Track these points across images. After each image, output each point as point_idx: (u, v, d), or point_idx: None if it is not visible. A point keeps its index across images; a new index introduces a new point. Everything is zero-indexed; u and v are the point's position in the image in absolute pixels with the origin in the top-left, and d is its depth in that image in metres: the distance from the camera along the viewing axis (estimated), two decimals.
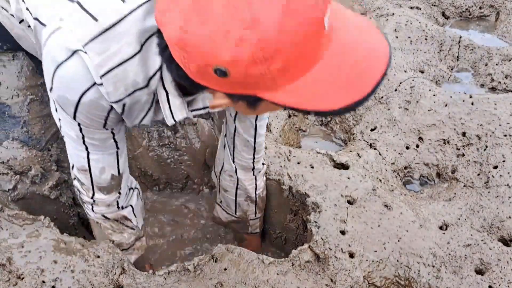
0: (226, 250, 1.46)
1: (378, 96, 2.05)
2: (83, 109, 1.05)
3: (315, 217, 1.53)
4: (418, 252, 1.46)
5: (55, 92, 1.05)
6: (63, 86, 1.02)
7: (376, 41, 0.88)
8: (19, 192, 1.59)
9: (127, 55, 0.98)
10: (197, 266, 1.41)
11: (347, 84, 0.84)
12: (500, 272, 1.41)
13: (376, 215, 1.55)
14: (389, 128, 1.92)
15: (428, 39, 2.38)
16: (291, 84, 0.84)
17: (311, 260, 1.45)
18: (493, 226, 1.54)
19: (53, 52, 0.99)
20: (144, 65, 1.00)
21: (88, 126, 1.12)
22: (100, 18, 0.96)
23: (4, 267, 1.32)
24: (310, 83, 0.85)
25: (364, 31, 0.90)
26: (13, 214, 1.47)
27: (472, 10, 2.85)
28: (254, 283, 1.37)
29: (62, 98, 1.05)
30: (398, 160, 1.81)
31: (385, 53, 0.86)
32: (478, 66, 2.36)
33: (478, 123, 1.82)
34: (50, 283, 1.30)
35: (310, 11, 0.78)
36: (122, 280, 1.35)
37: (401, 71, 2.14)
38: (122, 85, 1.01)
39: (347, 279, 1.40)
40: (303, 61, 0.82)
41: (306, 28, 0.78)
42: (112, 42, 0.96)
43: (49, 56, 1.00)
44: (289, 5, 0.76)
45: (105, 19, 0.96)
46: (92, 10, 0.97)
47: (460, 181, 1.71)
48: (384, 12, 2.60)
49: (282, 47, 0.77)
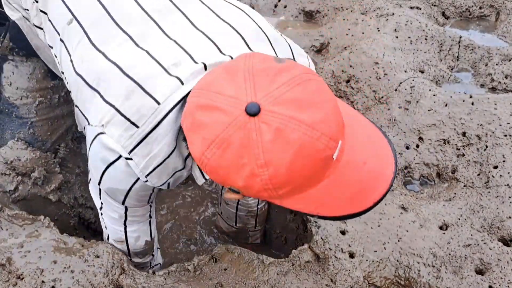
0: (226, 250, 1.46)
1: (378, 96, 2.05)
2: (133, 194, 1.15)
3: (315, 217, 1.53)
4: (418, 252, 1.46)
5: (104, 185, 1.14)
6: (114, 180, 1.11)
7: (383, 158, 0.95)
8: (20, 194, 1.59)
9: (167, 154, 1.05)
10: (197, 266, 1.40)
11: (350, 198, 0.92)
12: (500, 272, 1.41)
13: (376, 215, 1.55)
14: (389, 128, 1.92)
15: (428, 39, 2.37)
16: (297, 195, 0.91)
17: (311, 260, 1.45)
18: (493, 226, 1.54)
19: (103, 153, 1.06)
20: (180, 154, 1.08)
21: (135, 206, 1.23)
22: (140, 124, 1.01)
23: (3, 267, 1.32)
24: (315, 196, 0.91)
25: (372, 144, 0.97)
26: (13, 214, 1.47)
27: (472, 10, 2.85)
28: (254, 283, 1.37)
29: (112, 189, 1.15)
30: (398, 160, 1.81)
31: (389, 174, 0.93)
32: (478, 66, 2.35)
33: (478, 123, 1.82)
34: (50, 283, 1.30)
35: (320, 153, 0.85)
36: (122, 280, 1.35)
37: (401, 71, 2.14)
38: (165, 175, 1.09)
39: (347, 279, 1.40)
40: (310, 184, 0.90)
41: (315, 165, 0.86)
42: (153, 145, 1.03)
43: (99, 156, 1.08)
44: (302, 150, 0.84)
45: (145, 125, 1.01)
46: (132, 117, 1.01)
47: (460, 181, 1.71)
48: (384, 12, 2.60)
49: (291, 180, 0.86)
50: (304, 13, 3.01)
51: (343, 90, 2.12)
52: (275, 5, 3.07)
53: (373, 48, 2.23)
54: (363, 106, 2.05)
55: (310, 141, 0.84)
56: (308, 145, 0.84)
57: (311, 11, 2.99)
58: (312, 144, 0.84)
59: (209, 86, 0.89)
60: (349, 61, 2.19)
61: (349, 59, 2.20)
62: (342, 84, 2.14)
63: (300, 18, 3.02)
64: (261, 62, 0.90)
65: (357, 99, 2.08)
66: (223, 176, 0.89)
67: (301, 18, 3.02)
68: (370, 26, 2.55)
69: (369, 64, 2.15)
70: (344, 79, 2.15)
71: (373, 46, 2.25)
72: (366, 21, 2.61)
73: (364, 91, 2.08)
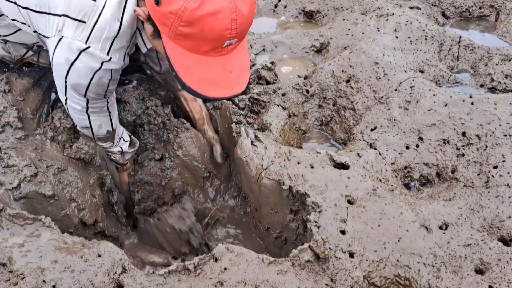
0: (227, 250, 1.46)
1: (378, 96, 2.05)
2: (92, 88, 1.50)
3: (315, 217, 1.53)
4: (418, 252, 1.46)
5: (69, 82, 1.48)
6: (77, 76, 1.46)
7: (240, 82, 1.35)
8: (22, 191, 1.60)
9: (115, 32, 1.41)
10: (198, 265, 1.41)
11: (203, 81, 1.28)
12: (500, 272, 1.42)
13: (376, 215, 1.55)
14: (389, 128, 1.92)
15: (428, 39, 2.38)
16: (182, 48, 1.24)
17: (311, 259, 1.45)
18: (493, 226, 1.54)
19: (65, 54, 1.42)
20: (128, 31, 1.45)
21: (93, 99, 1.57)
22: (86, 19, 1.39)
23: (4, 267, 1.33)
24: (188, 59, 1.24)
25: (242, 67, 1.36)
26: (14, 213, 1.47)
27: (472, 10, 2.85)
28: (254, 282, 1.37)
29: (76, 84, 1.49)
30: (398, 160, 1.81)
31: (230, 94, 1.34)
32: (478, 66, 2.36)
33: (478, 123, 1.82)
34: (51, 282, 1.30)
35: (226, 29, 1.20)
36: (123, 279, 1.35)
37: (401, 71, 2.14)
38: (122, 49, 1.46)
39: (347, 279, 1.40)
40: (198, 47, 1.22)
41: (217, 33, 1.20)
42: (102, 30, 1.39)
43: (63, 58, 1.43)
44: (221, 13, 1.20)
45: (90, 19, 1.39)
46: (78, 16, 1.38)
47: (460, 181, 1.71)
48: (384, 12, 2.60)
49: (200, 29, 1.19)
50: (304, 13, 3.01)
51: (343, 90, 2.12)
52: (275, 5, 3.07)
53: (373, 48, 2.23)
54: (363, 106, 2.05)
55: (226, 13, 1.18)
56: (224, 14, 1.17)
57: (311, 11, 2.99)
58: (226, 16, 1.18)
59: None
60: (349, 61, 2.19)
61: (349, 59, 2.20)
62: (342, 84, 2.14)
63: (300, 18, 3.02)
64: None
65: (357, 99, 2.08)
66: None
67: (301, 18, 3.02)
68: (370, 26, 2.55)
69: (369, 64, 2.15)
70: (344, 79, 2.15)
71: (373, 46, 2.25)
72: (366, 21, 2.61)
73: (364, 91, 2.08)
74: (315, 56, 2.64)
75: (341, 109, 2.11)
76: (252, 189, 1.79)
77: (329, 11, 2.94)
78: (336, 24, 2.71)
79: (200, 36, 1.20)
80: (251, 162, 1.77)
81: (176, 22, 1.20)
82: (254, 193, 1.79)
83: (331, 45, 2.62)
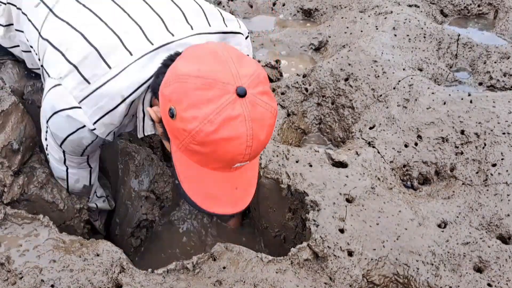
0: (225, 249, 1.46)
1: (377, 94, 2.05)
2: (68, 144, 1.42)
3: (314, 216, 1.53)
4: (416, 250, 1.46)
5: (50, 128, 1.40)
6: (55, 127, 1.37)
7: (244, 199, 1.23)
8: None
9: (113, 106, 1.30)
10: (196, 264, 1.41)
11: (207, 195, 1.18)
12: (499, 270, 1.42)
13: (374, 213, 1.55)
14: (388, 126, 1.92)
15: (426, 37, 2.38)
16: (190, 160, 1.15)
17: (310, 258, 1.45)
18: (492, 224, 1.54)
19: (54, 102, 1.32)
20: (127, 111, 1.34)
21: (70, 153, 1.50)
22: (92, 81, 1.28)
23: (3, 266, 1.32)
24: (194, 172, 1.15)
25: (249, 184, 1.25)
26: (12, 213, 1.46)
27: (471, 8, 2.85)
28: (253, 281, 1.37)
29: (54, 134, 1.41)
30: (396, 158, 1.81)
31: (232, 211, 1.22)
32: (476, 64, 2.36)
33: (476, 121, 1.82)
34: (49, 282, 1.30)
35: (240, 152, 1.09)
36: (121, 278, 1.35)
37: (399, 69, 2.14)
38: (111, 125, 1.36)
39: (346, 278, 1.40)
40: (207, 162, 1.12)
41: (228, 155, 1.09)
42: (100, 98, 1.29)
43: (50, 104, 1.33)
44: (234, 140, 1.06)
45: (96, 83, 1.28)
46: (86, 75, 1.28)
47: (459, 179, 1.71)
48: (382, 10, 2.60)
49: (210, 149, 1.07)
50: (302, 12, 3.01)
51: (341, 88, 2.12)
52: (273, 4, 3.07)
53: (371, 46, 2.23)
54: (362, 104, 2.05)
55: (243, 140, 1.06)
56: (240, 141, 1.06)
57: (309, 9, 2.99)
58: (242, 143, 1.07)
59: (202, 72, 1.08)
60: (348, 59, 2.19)
61: (348, 57, 2.20)
62: (340, 83, 2.14)
63: (298, 16, 3.02)
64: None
65: (355, 97, 2.08)
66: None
67: (299, 16, 3.02)
68: (368, 24, 2.55)
69: (368, 62, 2.15)
70: (343, 77, 2.15)
71: (372, 44, 2.25)
72: (365, 19, 2.61)
73: (363, 89, 2.08)
74: (314, 54, 2.63)
75: (340, 108, 2.11)
76: None
77: (328, 9, 2.94)
78: (334, 22, 2.71)
79: (212, 156, 1.11)
80: None
81: (188, 139, 1.09)
82: None
83: (329, 43, 2.62)
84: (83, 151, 1.48)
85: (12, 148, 1.58)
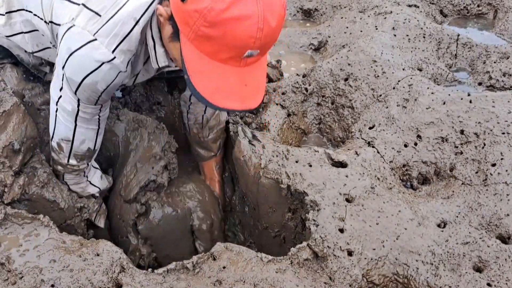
0: (225, 249, 1.46)
1: (377, 94, 2.05)
2: (83, 89, 1.43)
3: (313, 216, 1.53)
4: (416, 250, 1.46)
5: (66, 73, 1.41)
6: (71, 70, 1.39)
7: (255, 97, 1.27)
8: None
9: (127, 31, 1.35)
10: (196, 264, 1.41)
11: (218, 89, 1.20)
12: (498, 270, 1.42)
13: (374, 213, 1.55)
14: (387, 126, 1.92)
15: (426, 37, 2.38)
16: (199, 52, 1.17)
17: (310, 258, 1.45)
18: (491, 224, 1.55)
19: (69, 43, 1.36)
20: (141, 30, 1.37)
21: (84, 102, 1.50)
22: (102, 13, 1.34)
23: (3, 266, 1.32)
24: (206, 64, 1.17)
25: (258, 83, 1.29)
26: (12, 213, 1.47)
27: (470, 8, 2.85)
28: (253, 281, 1.37)
29: (70, 79, 1.42)
30: (396, 158, 1.81)
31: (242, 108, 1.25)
32: (476, 64, 2.36)
33: (476, 121, 1.82)
34: (49, 282, 1.30)
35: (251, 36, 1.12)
36: (121, 278, 1.35)
37: (399, 69, 2.14)
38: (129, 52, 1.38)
39: (345, 277, 1.40)
40: (218, 53, 1.15)
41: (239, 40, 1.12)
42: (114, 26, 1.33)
43: (66, 46, 1.37)
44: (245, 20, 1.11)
45: (106, 14, 1.34)
46: (96, 8, 1.35)
47: (458, 179, 1.72)
48: (382, 10, 2.60)
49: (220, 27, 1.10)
50: (302, 12, 3.01)
51: (341, 88, 2.12)
52: None
53: (371, 46, 2.23)
54: (362, 104, 2.05)
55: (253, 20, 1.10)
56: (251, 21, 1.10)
57: (309, 9, 2.99)
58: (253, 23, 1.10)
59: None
60: (347, 59, 2.19)
61: (347, 57, 2.20)
62: (340, 83, 2.14)
63: (298, 16, 3.02)
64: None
65: (355, 97, 2.08)
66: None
67: (299, 16, 3.02)
68: (368, 24, 2.55)
69: (367, 62, 2.15)
70: (343, 77, 2.15)
71: (371, 44, 2.25)
72: (364, 19, 2.61)
73: (363, 89, 2.08)
74: (314, 54, 2.63)
75: (340, 108, 2.11)
76: (251, 188, 1.79)
77: (327, 9, 2.94)
78: (334, 22, 2.71)
79: (222, 40, 1.12)
80: (249, 162, 1.77)
81: (199, 21, 1.11)
82: (253, 193, 1.79)
83: (329, 43, 2.62)
84: (97, 98, 1.50)
85: (13, 148, 1.58)
